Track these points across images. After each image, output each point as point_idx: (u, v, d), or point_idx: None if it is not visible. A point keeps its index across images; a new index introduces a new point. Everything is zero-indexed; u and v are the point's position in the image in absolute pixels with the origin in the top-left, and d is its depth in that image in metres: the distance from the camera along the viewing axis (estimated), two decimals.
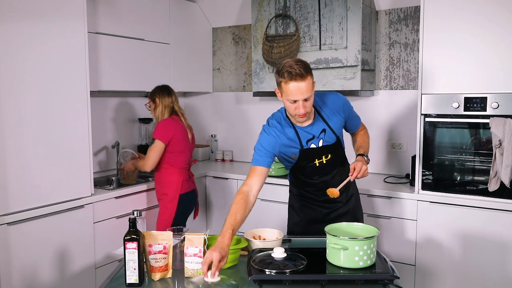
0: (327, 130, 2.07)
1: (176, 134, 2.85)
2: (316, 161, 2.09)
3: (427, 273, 2.70)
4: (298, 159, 2.08)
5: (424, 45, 2.63)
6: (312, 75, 1.89)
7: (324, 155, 2.09)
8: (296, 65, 1.83)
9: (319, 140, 2.08)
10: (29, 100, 2.39)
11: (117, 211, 2.88)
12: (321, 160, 2.09)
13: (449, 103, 2.59)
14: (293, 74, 1.82)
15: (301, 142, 2.05)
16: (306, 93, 1.85)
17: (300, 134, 2.04)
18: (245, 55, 3.95)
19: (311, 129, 2.06)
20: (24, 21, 2.34)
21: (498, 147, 2.41)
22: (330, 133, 2.08)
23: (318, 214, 2.21)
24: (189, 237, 1.69)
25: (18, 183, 2.36)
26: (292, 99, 1.87)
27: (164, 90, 2.95)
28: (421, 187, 2.71)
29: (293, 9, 3.25)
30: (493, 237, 2.50)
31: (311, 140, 2.06)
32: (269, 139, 2.03)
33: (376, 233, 1.70)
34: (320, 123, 2.07)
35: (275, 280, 1.57)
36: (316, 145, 2.07)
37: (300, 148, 2.05)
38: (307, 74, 1.85)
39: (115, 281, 1.67)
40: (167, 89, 2.97)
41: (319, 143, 2.07)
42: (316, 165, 2.10)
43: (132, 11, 3.26)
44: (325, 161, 2.10)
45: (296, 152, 2.06)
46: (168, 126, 2.84)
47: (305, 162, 2.10)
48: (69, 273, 2.61)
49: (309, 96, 1.88)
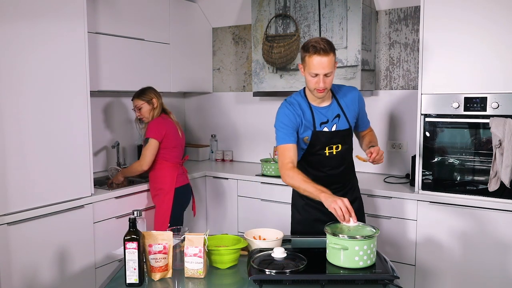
0: (341, 116, 2.15)
1: (168, 130, 2.95)
2: (326, 150, 2.15)
3: (427, 273, 2.70)
4: (309, 143, 2.14)
5: (424, 45, 2.63)
6: (335, 54, 2.01)
7: (335, 145, 2.16)
8: (322, 41, 1.97)
9: (332, 124, 2.15)
10: (29, 100, 2.39)
11: (117, 211, 2.88)
12: (331, 150, 2.16)
13: (449, 103, 2.60)
14: (317, 49, 1.95)
15: (314, 124, 2.12)
16: (327, 68, 1.97)
17: (315, 115, 2.12)
18: (245, 55, 3.95)
19: (327, 112, 2.14)
20: (24, 21, 2.34)
21: (498, 147, 2.41)
22: (344, 120, 2.16)
23: (321, 214, 2.20)
24: (189, 237, 1.69)
25: (18, 183, 2.36)
26: (314, 72, 1.98)
27: (156, 91, 3.04)
28: (421, 187, 2.72)
29: (293, 9, 3.25)
30: (493, 237, 2.50)
31: (325, 123, 2.14)
32: (289, 114, 2.10)
33: (376, 233, 1.69)
34: (335, 108, 2.15)
35: (275, 280, 1.57)
36: (329, 129, 2.14)
37: (313, 129, 2.11)
38: (331, 51, 1.97)
39: (115, 281, 1.67)
40: (155, 90, 3.06)
41: (332, 128, 2.14)
42: (326, 154, 2.16)
43: (132, 11, 3.26)
44: (335, 152, 2.16)
45: (308, 134, 2.12)
46: (160, 124, 2.93)
47: (316, 149, 2.15)
48: (69, 273, 2.61)
49: (330, 72, 1.99)
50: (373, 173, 3.36)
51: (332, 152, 2.16)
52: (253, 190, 3.31)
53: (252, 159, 3.93)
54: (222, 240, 1.90)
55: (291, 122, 2.09)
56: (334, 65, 2.02)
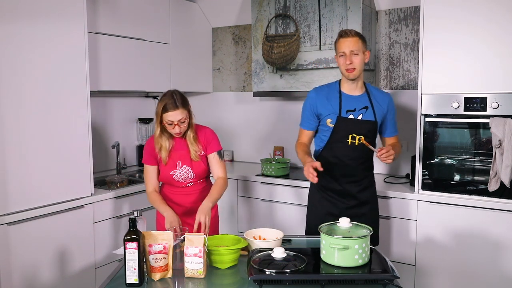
0: (369, 108, 2.28)
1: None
2: (349, 139, 2.25)
3: (427, 273, 2.70)
4: (333, 128, 2.26)
5: (424, 45, 2.63)
6: (363, 40, 2.24)
7: (358, 136, 2.24)
8: (348, 30, 2.25)
9: (359, 114, 2.27)
10: (29, 100, 2.39)
11: (117, 211, 2.88)
12: (354, 140, 2.25)
13: (449, 103, 2.60)
14: (343, 33, 2.23)
15: (340, 109, 2.26)
16: (352, 47, 2.18)
17: (342, 101, 2.27)
18: (245, 55, 3.95)
19: (355, 101, 2.28)
20: (24, 21, 2.34)
21: (498, 147, 2.41)
22: (371, 113, 2.28)
23: (335, 209, 2.33)
24: (189, 237, 1.69)
25: (18, 183, 2.36)
26: (341, 51, 2.22)
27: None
28: (421, 187, 2.72)
29: (293, 9, 3.25)
30: (493, 237, 2.50)
31: (351, 111, 2.27)
32: (310, 98, 2.34)
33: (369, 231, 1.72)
34: (365, 100, 2.30)
35: (275, 280, 1.57)
36: (354, 117, 2.26)
37: (338, 114, 2.26)
38: (356, 35, 2.22)
39: (115, 281, 1.68)
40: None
41: (358, 117, 2.27)
42: (348, 143, 2.26)
43: (132, 11, 3.26)
44: (357, 142, 2.25)
45: (333, 118, 2.26)
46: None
47: (340, 135, 2.26)
48: (69, 273, 2.61)
49: (357, 51, 2.19)
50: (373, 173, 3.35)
51: (354, 142, 2.25)
52: (253, 190, 3.32)
53: (252, 159, 3.92)
54: (222, 240, 1.90)
55: (310, 106, 2.33)
56: (363, 50, 2.22)
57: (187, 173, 2.31)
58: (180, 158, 2.30)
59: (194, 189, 2.36)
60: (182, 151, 2.31)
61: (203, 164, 2.33)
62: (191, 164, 2.31)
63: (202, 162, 2.33)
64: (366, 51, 2.25)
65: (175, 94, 2.21)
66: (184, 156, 2.30)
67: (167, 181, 2.35)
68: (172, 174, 2.31)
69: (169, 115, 2.16)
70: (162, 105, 2.17)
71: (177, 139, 2.31)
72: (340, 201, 2.33)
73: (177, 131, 2.22)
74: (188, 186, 2.35)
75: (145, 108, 3.83)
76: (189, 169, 2.31)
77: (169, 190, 2.38)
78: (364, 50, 2.24)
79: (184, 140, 2.31)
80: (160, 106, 2.18)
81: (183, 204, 2.36)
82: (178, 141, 2.32)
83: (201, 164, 2.33)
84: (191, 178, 2.33)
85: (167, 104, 2.16)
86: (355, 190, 2.33)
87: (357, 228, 1.75)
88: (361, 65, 2.23)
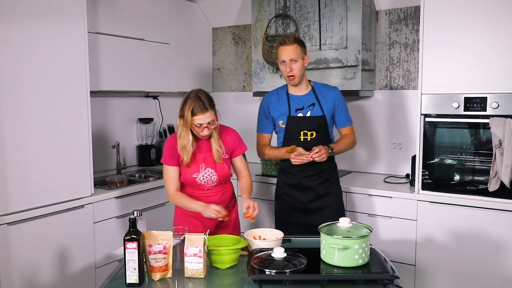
0: (316, 105, 2.44)
1: None
2: (301, 136, 2.41)
3: (427, 273, 2.70)
4: (285, 127, 2.44)
5: (424, 45, 2.63)
6: (302, 45, 2.37)
7: (310, 132, 2.41)
8: (286, 37, 2.37)
9: (307, 111, 2.44)
10: (29, 100, 2.39)
11: (117, 211, 2.88)
12: (306, 136, 2.41)
13: (449, 103, 2.60)
14: (282, 41, 2.36)
15: (289, 109, 2.44)
16: (291, 55, 2.32)
17: (291, 102, 2.45)
18: (245, 55, 3.95)
19: (302, 99, 2.45)
20: (24, 21, 2.34)
21: (498, 147, 2.41)
22: (318, 109, 2.43)
23: (297, 203, 2.47)
24: (189, 237, 1.69)
25: (18, 183, 2.36)
26: (281, 59, 2.37)
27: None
28: (421, 187, 2.72)
29: (293, 9, 3.25)
30: (493, 237, 2.50)
31: (300, 110, 2.44)
32: (262, 103, 2.55)
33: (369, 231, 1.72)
34: (311, 97, 2.45)
35: (275, 280, 1.57)
36: (303, 115, 2.43)
37: (288, 114, 2.43)
38: (294, 42, 2.33)
39: (115, 281, 1.68)
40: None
41: (306, 114, 2.43)
42: (300, 140, 2.41)
43: (132, 11, 3.26)
44: (309, 138, 2.41)
45: (284, 119, 2.44)
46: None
47: (292, 133, 2.43)
48: (69, 273, 2.61)
49: (296, 58, 2.33)
50: (373, 173, 3.36)
51: (307, 138, 2.41)
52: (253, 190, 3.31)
53: (252, 159, 3.91)
54: (222, 240, 1.90)
55: (263, 110, 2.54)
56: (301, 56, 2.35)
57: (211, 176, 2.24)
58: (203, 160, 2.22)
59: (215, 191, 2.29)
60: (205, 153, 2.22)
61: (226, 167, 2.26)
62: (215, 166, 2.23)
63: (225, 164, 2.26)
64: (305, 55, 2.39)
65: (202, 95, 2.10)
66: (207, 158, 2.22)
67: (189, 183, 2.27)
68: (195, 177, 2.22)
69: (198, 118, 2.06)
70: (190, 108, 2.05)
71: (201, 140, 2.23)
72: (300, 195, 2.46)
73: (206, 133, 2.13)
74: (210, 188, 2.29)
75: (145, 108, 3.83)
76: (213, 172, 2.23)
77: (189, 192, 2.30)
78: (303, 55, 2.37)
79: (207, 141, 2.23)
80: (188, 110, 2.06)
81: None
82: (202, 143, 2.24)
83: (225, 167, 2.25)
84: (214, 182, 2.26)
85: (195, 107, 2.05)
86: (313, 184, 2.45)
87: (357, 228, 1.75)
88: (300, 71, 2.37)
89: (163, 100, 3.95)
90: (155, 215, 3.10)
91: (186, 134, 2.13)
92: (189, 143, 2.15)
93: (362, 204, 2.88)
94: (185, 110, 2.07)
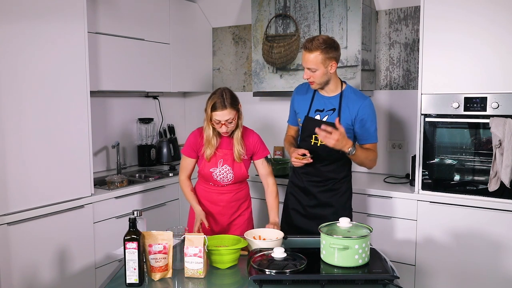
0: (336, 111, 2.25)
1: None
2: (313, 139, 2.28)
3: (427, 273, 2.70)
4: (302, 126, 2.33)
5: (424, 45, 2.63)
6: (325, 52, 2.11)
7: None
8: (314, 39, 2.14)
9: (325, 115, 2.27)
10: (29, 100, 2.39)
11: (117, 211, 2.88)
12: (316, 141, 2.26)
13: (449, 103, 2.60)
14: (305, 45, 2.15)
15: (310, 109, 2.31)
16: (310, 64, 2.14)
17: (314, 101, 2.31)
18: (245, 55, 3.95)
19: (326, 102, 2.28)
20: (24, 21, 2.34)
21: (498, 147, 2.41)
22: (336, 115, 2.24)
23: (299, 206, 2.41)
24: (189, 237, 1.69)
25: (18, 183, 2.36)
26: (302, 63, 2.21)
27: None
28: (421, 187, 2.72)
29: (293, 9, 3.25)
30: (493, 237, 2.50)
31: (319, 111, 2.29)
32: (293, 95, 2.43)
33: (369, 231, 1.72)
34: (335, 101, 2.27)
35: (275, 280, 1.57)
36: (320, 118, 2.28)
37: (306, 114, 2.31)
38: (317, 50, 2.11)
39: (115, 281, 1.68)
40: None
41: (323, 118, 2.27)
42: (311, 143, 2.29)
43: (132, 11, 3.26)
44: (319, 143, 2.24)
45: (302, 117, 2.33)
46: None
47: (305, 134, 2.31)
48: (69, 273, 2.61)
49: (315, 68, 2.14)
50: (373, 173, 3.36)
51: (317, 143, 2.25)
52: (253, 190, 3.31)
53: None
54: (222, 240, 1.90)
55: (292, 103, 2.42)
56: (324, 64, 2.13)
57: (227, 173, 2.31)
58: (223, 157, 2.31)
59: (230, 189, 2.36)
60: (226, 150, 2.31)
61: (244, 167, 2.33)
62: (232, 164, 2.31)
63: (243, 165, 2.33)
64: (331, 62, 2.14)
65: (225, 93, 2.20)
66: (227, 155, 2.31)
67: (205, 177, 2.35)
68: (211, 171, 2.31)
69: (217, 114, 2.17)
70: (212, 103, 2.18)
71: (224, 138, 2.31)
72: (303, 199, 2.40)
73: (224, 130, 2.22)
74: (225, 186, 2.35)
75: (145, 108, 3.83)
76: (230, 170, 2.30)
77: (204, 187, 2.39)
78: (328, 62, 2.13)
79: (230, 139, 2.32)
80: (209, 105, 2.19)
81: (218, 202, 2.36)
82: (224, 140, 2.32)
83: (242, 167, 2.32)
84: (230, 179, 2.32)
85: (216, 103, 2.17)
86: (315, 190, 2.36)
87: (357, 228, 1.75)
88: (321, 78, 2.18)
89: (163, 100, 3.95)
90: (155, 215, 3.10)
91: (208, 128, 2.25)
92: (209, 137, 2.27)
93: (362, 204, 2.88)
94: (208, 105, 2.21)
